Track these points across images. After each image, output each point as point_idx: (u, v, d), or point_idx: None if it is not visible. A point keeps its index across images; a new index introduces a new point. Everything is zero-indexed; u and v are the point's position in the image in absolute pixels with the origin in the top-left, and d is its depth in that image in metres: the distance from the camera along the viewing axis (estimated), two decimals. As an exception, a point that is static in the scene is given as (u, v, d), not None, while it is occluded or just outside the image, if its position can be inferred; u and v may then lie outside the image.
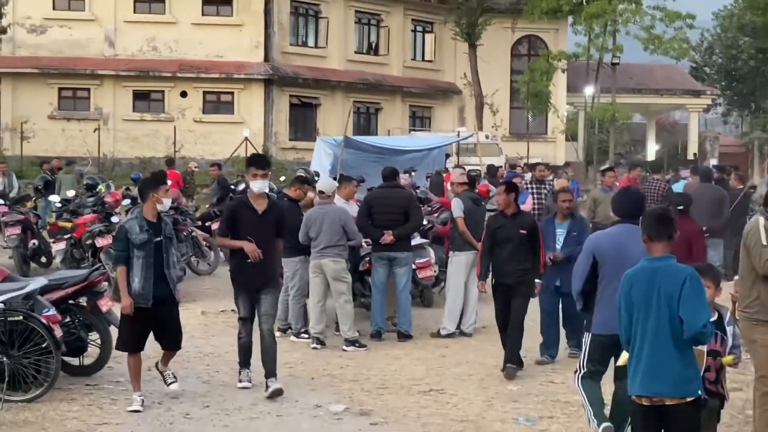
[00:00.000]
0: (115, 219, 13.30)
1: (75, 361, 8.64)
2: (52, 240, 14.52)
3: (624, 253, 6.27)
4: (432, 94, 40.23)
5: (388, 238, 10.56)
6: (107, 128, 33.61)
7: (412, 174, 20.50)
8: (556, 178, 18.24)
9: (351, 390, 8.44)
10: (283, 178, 22.17)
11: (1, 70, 33.37)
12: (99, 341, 8.60)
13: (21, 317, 7.71)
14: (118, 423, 7.34)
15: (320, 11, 36.93)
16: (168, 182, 8.41)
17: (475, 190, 11.95)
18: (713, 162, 32.84)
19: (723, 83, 59.35)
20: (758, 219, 6.50)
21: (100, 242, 12.87)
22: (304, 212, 10.52)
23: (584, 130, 41.30)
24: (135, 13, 34.55)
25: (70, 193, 16.55)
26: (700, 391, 5.10)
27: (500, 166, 24.52)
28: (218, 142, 32.71)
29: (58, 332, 7.85)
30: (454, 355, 9.94)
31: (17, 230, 14.55)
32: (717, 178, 15.25)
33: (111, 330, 8.50)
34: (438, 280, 12.31)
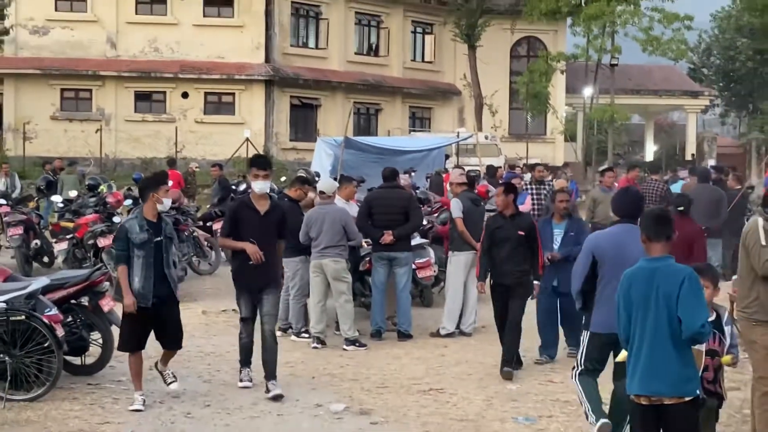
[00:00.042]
0: (116, 219, 13.33)
1: (77, 361, 8.66)
2: (55, 240, 14.56)
3: (623, 252, 6.31)
4: (432, 95, 40.23)
5: (388, 238, 10.58)
6: (109, 129, 33.64)
7: (412, 174, 20.55)
8: (555, 179, 18.25)
9: (351, 389, 8.46)
10: (283, 179, 22.18)
11: (3, 71, 33.43)
12: (100, 341, 8.63)
13: (23, 317, 7.73)
14: (120, 422, 7.36)
15: (321, 12, 36.95)
16: (169, 182, 8.43)
17: (475, 191, 11.98)
18: (711, 162, 32.86)
19: (721, 84, 59.32)
20: (757, 219, 6.50)
21: (102, 242, 12.90)
22: (305, 212, 10.54)
23: (583, 130, 41.28)
24: (137, 14, 34.58)
25: (72, 194, 16.59)
26: (698, 391, 5.11)
27: (499, 167, 24.52)
28: (219, 143, 32.72)
29: (60, 332, 7.88)
30: (454, 355, 9.96)
31: (20, 230, 14.57)
32: (715, 178, 15.26)
33: (112, 329, 8.53)
34: (438, 280, 12.32)
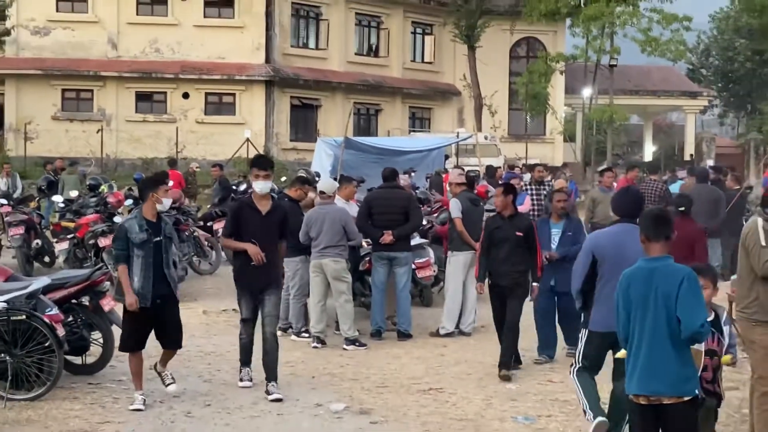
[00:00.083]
0: (117, 219, 13.33)
1: (77, 360, 8.68)
2: (55, 240, 14.60)
3: (623, 252, 6.33)
4: (431, 96, 40.25)
5: (387, 238, 10.60)
6: (110, 129, 33.68)
7: (412, 174, 20.58)
8: (554, 179, 18.27)
9: (351, 389, 8.48)
10: (284, 179, 22.20)
11: (5, 71, 33.46)
12: (101, 340, 8.65)
13: (24, 316, 7.74)
14: (120, 421, 7.37)
15: (321, 13, 36.98)
16: (169, 182, 8.45)
17: (474, 191, 12.00)
18: (710, 163, 32.88)
19: (719, 85, 59.35)
20: (757, 220, 6.49)
21: (103, 242, 12.93)
22: (305, 212, 10.57)
23: (582, 131, 41.29)
24: (137, 15, 34.61)
25: (73, 194, 16.62)
26: (697, 390, 5.12)
27: (499, 167, 24.53)
28: (220, 143, 32.77)
29: (61, 331, 7.90)
30: (453, 354, 9.98)
31: (21, 230, 14.59)
32: (713, 178, 15.28)
33: (113, 329, 8.54)
34: (437, 279, 12.32)
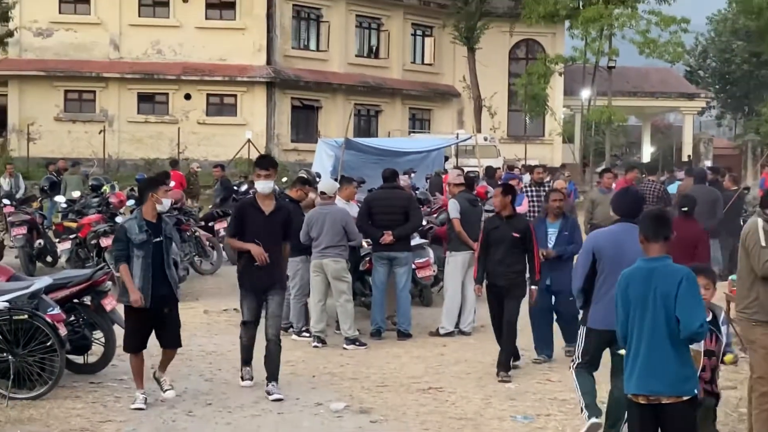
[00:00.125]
0: (119, 219, 13.39)
1: (79, 359, 8.70)
2: (58, 240, 14.61)
3: (622, 251, 6.36)
4: (431, 97, 40.30)
5: (387, 238, 10.62)
6: (112, 130, 33.76)
7: (412, 175, 20.60)
8: (553, 180, 18.30)
9: (351, 388, 8.50)
10: (285, 179, 22.25)
11: (8, 72, 33.55)
12: (103, 340, 8.68)
13: (26, 316, 7.77)
14: (122, 420, 7.39)
15: (321, 15, 37.04)
16: (170, 183, 8.48)
17: (473, 192, 12.03)
18: (707, 164, 32.95)
19: (717, 86, 59.44)
20: (757, 220, 6.49)
21: (105, 242, 12.93)
22: (306, 213, 10.60)
23: (581, 132, 41.32)
24: (140, 16, 34.70)
25: (76, 194, 16.66)
26: (696, 390, 5.14)
27: (498, 168, 24.56)
28: (221, 144, 32.85)
29: (63, 331, 7.92)
30: (453, 354, 9.99)
31: (23, 230, 14.63)
32: (711, 179, 15.29)
33: (115, 329, 8.58)
34: (437, 279, 12.33)
